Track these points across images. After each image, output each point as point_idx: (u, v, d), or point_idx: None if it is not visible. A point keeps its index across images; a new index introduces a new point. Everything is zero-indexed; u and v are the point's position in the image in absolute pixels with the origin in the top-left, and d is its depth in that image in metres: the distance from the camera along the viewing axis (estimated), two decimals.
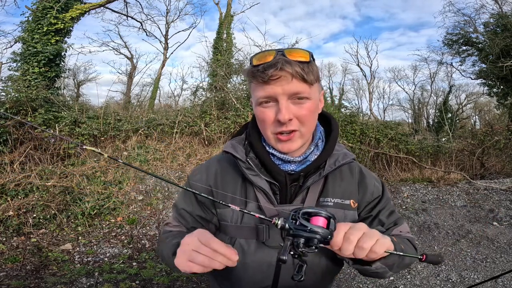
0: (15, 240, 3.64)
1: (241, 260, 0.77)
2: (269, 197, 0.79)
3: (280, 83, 0.71)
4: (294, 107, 0.73)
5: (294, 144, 0.76)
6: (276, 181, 0.80)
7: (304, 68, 0.71)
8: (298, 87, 0.72)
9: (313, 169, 0.81)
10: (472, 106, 24.58)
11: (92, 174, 5.02)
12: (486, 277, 3.14)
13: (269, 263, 0.79)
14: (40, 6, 7.45)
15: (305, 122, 0.75)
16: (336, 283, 3.09)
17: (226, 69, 9.03)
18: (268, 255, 0.79)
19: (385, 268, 0.69)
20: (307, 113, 0.74)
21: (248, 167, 0.80)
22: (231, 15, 12.65)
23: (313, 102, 0.75)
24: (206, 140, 7.13)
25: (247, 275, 0.81)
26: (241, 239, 0.81)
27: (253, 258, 0.80)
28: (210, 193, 0.84)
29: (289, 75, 0.70)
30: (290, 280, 0.71)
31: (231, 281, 0.85)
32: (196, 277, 3.17)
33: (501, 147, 7.84)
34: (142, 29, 16.73)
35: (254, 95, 0.77)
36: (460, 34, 13.37)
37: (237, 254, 0.65)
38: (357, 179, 0.87)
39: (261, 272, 0.80)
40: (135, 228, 4.23)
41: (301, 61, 0.71)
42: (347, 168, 0.87)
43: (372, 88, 25.95)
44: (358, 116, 9.36)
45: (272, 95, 0.72)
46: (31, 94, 5.94)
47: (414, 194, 6.37)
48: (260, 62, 0.72)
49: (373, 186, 0.87)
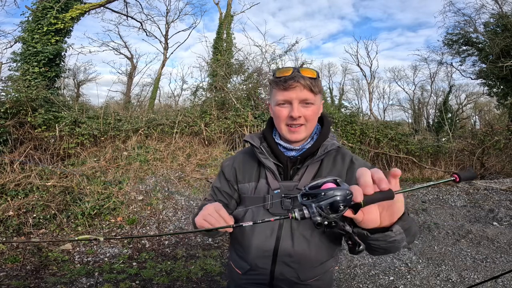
0: (15, 240, 3.64)
1: (251, 225, 0.98)
2: (275, 175, 1.06)
3: (295, 91, 1.00)
4: (302, 109, 1.01)
5: (300, 135, 1.04)
6: (280, 163, 1.07)
7: (312, 82, 1.00)
8: (307, 95, 1.00)
9: (308, 155, 1.06)
10: (472, 106, 24.59)
11: (92, 174, 5.02)
12: (486, 277, 3.13)
13: (272, 228, 1.03)
14: (40, 6, 7.45)
15: (309, 120, 1.03)
16: (336, 283, 3.09)
17: (226, 69, 9.03)
18: (272, 221, 0.94)
19: (402, 234, 0.72)
20: (311, 114, 1.03)
21: (261, 152, 1.09)
22: (231, 15, 12.65)
23: (316, 107, 1.03)
24: (206, 140, 7.13)
25: (255, 239, 1.04)
26: (252, 207, 1.06)
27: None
28: (235, 174, 1.15)
29: (302, 86, 0.99)
30: (288, 247, 0.99)
31: (243, 245, 1.08)
32: (196, 277, 3.17)
33: (501, 147, 7.84)
34: (142, 29, 16.74)
35: (274, 98, 1.05)
36: (460, 34, 13.37)
37: (233, 221, 0.96)
38: (347, 165, 1.07)
39: (265, 237, 1.03)
40: (135, 228, 4.24)
41: (311, 77, 1.00)
42: (340, 156, 1.09)
43: (372, 88, 25.96)
44: (358, 116, 9.37)
45: (288, 99, 1.01)
46: (31, 94, 5.94)
47: (414, 194, 6.37)
48: (282, 75, 1.01)
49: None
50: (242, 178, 1.12)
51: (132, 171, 5.36)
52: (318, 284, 1.06)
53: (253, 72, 9.03)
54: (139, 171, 5.43)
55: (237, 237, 1.11)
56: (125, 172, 5.33)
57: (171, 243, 4.04)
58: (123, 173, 5.29)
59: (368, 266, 3.42)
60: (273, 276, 1.03)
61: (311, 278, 1.04)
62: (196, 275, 3.19)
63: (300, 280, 1.02)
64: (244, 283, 1.10)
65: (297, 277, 1.02)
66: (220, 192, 1.17)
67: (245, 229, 1.05)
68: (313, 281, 1.04)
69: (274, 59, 9.32)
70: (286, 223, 1.01)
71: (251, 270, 1.07)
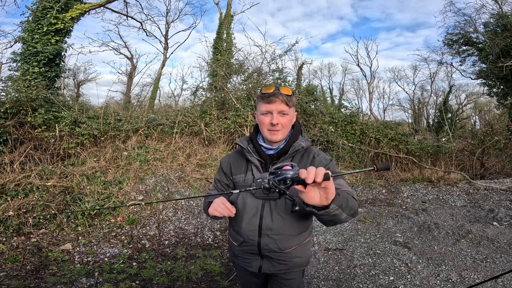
0: (15, 240, 3.64)
1: (242, 206, 1.40)
2: (258, 168, 1.42)
3: (275, 104, 1.35)
4: (280, 117, 1.36)
5: (278, 137, 1.38)
6: (262, 159, 1.43)
7: (287, 98, 1.35)
8: (283, 107, 1.35)
9: (282, 153, 1.40)
10: (472, 106, 24.59)
11: (92, 174, 5.02)
12: (486, 277, 3.13)
13: (257, 207, 1.38)
14: (40, 6, 7.45)
15: (284, 126, 1.38)
16: (336, 283, 3.09)
17: (226, 69, 9.03)
18: (256, 203, 1.38)
19: (338, 209, 1.06)
20: (286, 122, 1.38)
21: (248, 151, 1.44)
22: (231, 15, 12.64)
23: (290, 116, 1.39)
24: (206, 140, 7.13)
25: (245, 217, 1.39)
26: (244, 193, 1.39)
27: (249, 203, 1.39)
28: (230, 167, 1.51)
29: (280, 101, 1.34)
30: (268, 223, 1.35)
31: (237, 222, 1.42)
32: (196, 277, 3.17)
33: (501, 147, 7.83)
34: (142, 29, 16.75)
35: (260, 109, 1.40)
36: (460, 34, 13.37)
37: (235, 210, 1.34)
38: (310, 160, 1.41)
39: (252, 214, 1.38)
40: (135, 228, 4.23)
41: (287, 94, 1.35)
42: (306, 153, 1.43)
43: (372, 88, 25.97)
44: (358, 116, 9.35)
45: (269, 110, 1.36)
46: (31, 94, 5.93)
47: (414, 194, 6.36)
48: (266, 91, 1.36)
49: (318, 161, 1.39)
50: (235, 170, 1.48)
51: (132, 171, 5.36)
52: (296, 253, 1.41)
53: (253, 72, 9.03)
54: (139, 171, 5.43)
55: (233, 217, 1.41)
56: (125, 172, 5.33)
57: (171, 243, 4.04)
58: (123, 173, 5.29)
59: (368, 266, 3.42)
60: (260, 247, 1.38)
61: (289, 247, 1.39)
62: (196, 275, 3.19)
63: (281, 250, 1.37)
64: (240, 253, 1.47)
65: (278, 247, 1.37)
66: (220, 183, 1.54)
67: (238, 207, 1.39)
68: (291, 250, 1.39)
69: (274, 59, 9.32)
70: (266, 204, 1.37)
71: (244, 242, 1.42)
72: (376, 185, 6.80)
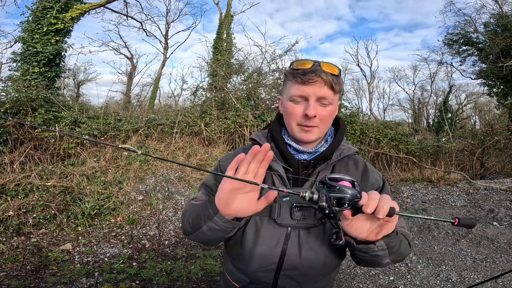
0: (15, 240, 3.64)
1: (253, 236, 0.92)
2: (284, 181, 0.93)
3: (314, 86, 0.88)
4: (319, 107, 0.89)
5: (313, 136, 0.92)
6: (290, 167, 0.95)
7: (334, 79, 0.89)
8: (326, 92, 0.89)
9: (322, 159, 0.95)
10: (472, 106, 24.59)
11: (92, 174, 5.02)
12: (486, 277, 3.13)
13: (278, 240, 0.90)
14: (40, 6, 7.45)
15: (324, 122, 0.92)
16: (336, 283, 3.09)
17: (226, 69, 9.03)
18: (278, 232, 0.90)
19: (385, 251, 0.77)
20: (328, 115, 0.91)
21: None
22: (231, 15, 12.65)
23: (333, 107, 0.92)
24: (206, 140, 7.13)
25: (257, 251, 0.91)
26: (256, 216, 0.91)
27: (264, 233, 0.91)
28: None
29: (322, 82, 0.87)
30: (294, 260, 0.90)
31: (243, 255, 0.94)
32: (196, 277, 3.17)
33: (501, 147, 7.84)
34: (142, 29, 16.75)
35: (289, 92, 0.92)
36: (460, 34, 13.37)
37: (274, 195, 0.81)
38: (361, 172, 0.99)
39: (269, 249, 0.90)
40: (135, 228, 4.23)
41: (333, 73, 0.89)
42: (353, 162, 1.02)
43: (372, 88, 25.96)
44: (358, 116, 9.35)
45: (304, 95, 0.89)
46: (31, 94, 5.93)
47: (414, 194, 6.36)
48: (301, 67, 0.90)
49: (374, 179, 0.99)
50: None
51: (132, 171, 5.36)
52: None
53: (253, 72, 9.03)
54: (139, 171, 5.43)
55: (236, 245, 0.96)
56: (125, 172, 5.33)
57: (171, 243, 4.04)
58: (123, 173, 5.29)
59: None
60: None
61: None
62: (196, 275, 3.19)
63: None
64: None
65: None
66: (214, 192, 0.97)
67: (246, 237, 0.93)
68: None
69: (274, 59, 9.32)
70: (294, 233, 0.91)
71: (251, 284, 0.96)
72: None
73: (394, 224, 0.74)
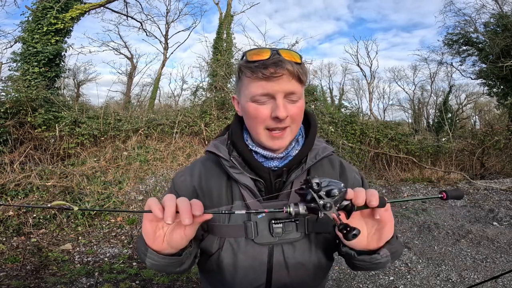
0: (15, 240, 3.64)
1: (232, 260, 0.80)
2: (254, 194, 0.79)
3: (280, 81, 0.72)
4: (289, 105, 0.75)
5: (285, 141, 0.78)
6: (260, 178, 0.80)
7: (299, 69, 0.74)
8: (295, 86, 0.74)
9: (295, 164, 0.82)
10: (472, 106, 24.59)
11: (92, 174, 5.02)
12: (486, 277, 3.13)
13: (260, 261, 0.79)
14: (40, 6, 7.45)
15: (296, 120, 0.78)
16: (336, 283, 3.09)
17: (226, 69, 9.03)
18: (259, 253, 0.79)
19: (388, 256, 0.71)
20: (299, 112, 0.77)
21: (232, 165, 0.81)
22: (231, 15, 12.64)
23: (302, 101, 0.78)
24: (206, 140, 7.13)
25: (239, 275, 0.81)
26: (230, 238, 0.80)
27: (244, 256, 0.80)
28: (196, 195, 0.84)
29: (289, 74, 0.72)
30: (282, 278, 0.80)
31: (223, 282, 0.84)
32: (196, 277, 3.17)
33: (501, 147, 7.84)
34: (142, 29, 16.75)
35: (248, 91, 0.76)
36: (460, 34, 13.37)
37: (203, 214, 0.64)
38: (338, 172, 0.89)
39: (253, 271, 0.80)
40: (135, 228, 4.23)
41: (296, 62, 0.74)
42: (328, 162, 0.90)
43: (372, 88, 25.97)
44: (358, 116, 9.36)
45: (270, 93, 0.73)
46: (31, 94, 5.93)
47: (414, 194, 6.36)
48: (257, 58, 0.73)
49: (353, 178, 0.90)
50: (209, 201, 0.81)
51: (132, 171, 5.36)
52: None
53: None
54: (139, 171, 5.43)
55: (212, 270, 0.84)
56: (125, 172, 5.33)
57: None
58: (123, 173, 5.29)
59: None
60: None
61: None
62: (196, 275, 3.19)
63: None
64: None
65: None
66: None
67: (223, 262, 0.80)
68: None
69: None
70: (277, 250, 0.80)
71: None
72: (376, 185, 6.80)
73: (392, 225, 0.68)
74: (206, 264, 0.86)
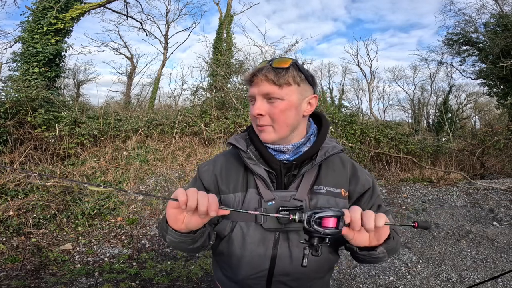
0: (15, 240, 3.64)
1: (240, 243, 0.90)
2: (267, 184, 0.90)
3: (257, 84, 0.87)
4: (267, 105, 0.87)
5: (268, 135, 0.89)
6: (272, 169, 0.91)
7: (278, 73, 0.84)
8: (269, 88, 0.85)
9: (306, 160, 0.92)
10: (472, 106, 24.59)
11: (92, 174, 5.02)
12: (486, 277, 3.13)
13: (267, 245, 0.89)
14: (40, 6, 7.45)
15: (276, 120, 0.86)
16: (336, 283, 3.09)
17: (226, 69, 9.03)
18: (266, 237, 0.89)
19: (385, 253, 0.82)
20: (279, 112, 0.86)
21: (249, 157, 0.92)
22: (231, 15, 12.64)
23: (286, 102, 0.86)
24: (206, 140, 7.13)
25: (246, 258, 0.90)
26: (241, 222, 0.91)
27: (251, 239, 0.90)
28: (216, 182, 0.97)
29: (264, 78, 0.85)
30: (285, 267, 0.89)
31: (231, 264, 0.94)
32: (196, 277, 3.17)
33: (501, 147, 7.83)
34: (142, 29, 16.75)
35: None
36: (460, 34, 13.36)
37: (228, 211, 0.76)
38: (349, 172, 0.97)
39: (257, 256, 0.89)
40: (135, 228, 4.24)
41: (280, 67, 0.84)
42: (339, 161, 0.98)
43: (372, 88, 25.95)
44: (358, 116, 9.36)
45: (252, 95, 0.89)
46: (31, 94, 5.93)
47: (414, 194, 6.36)
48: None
49: (364, 179, 0.98)
50: (226, 187, 0.94)
51: (132, 171, 5.36)
52: None
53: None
54: (139, 171, 5.43)
55: (222, 253, 0.95)
56: (125, 172, 5.33)
57: None
58: (123, 173, 5.30)
59: (368, 266, 3.42)
60: None
61: None
62: (196, 275, 3.19)
63: None
64: None
65: None
66: None
67: (233, 244, 0.90)
68: None
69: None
70: (282, 237, 0.89)
71: None
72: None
73: (387, 231, 0.79)
74: (218, 247, 0.97)
